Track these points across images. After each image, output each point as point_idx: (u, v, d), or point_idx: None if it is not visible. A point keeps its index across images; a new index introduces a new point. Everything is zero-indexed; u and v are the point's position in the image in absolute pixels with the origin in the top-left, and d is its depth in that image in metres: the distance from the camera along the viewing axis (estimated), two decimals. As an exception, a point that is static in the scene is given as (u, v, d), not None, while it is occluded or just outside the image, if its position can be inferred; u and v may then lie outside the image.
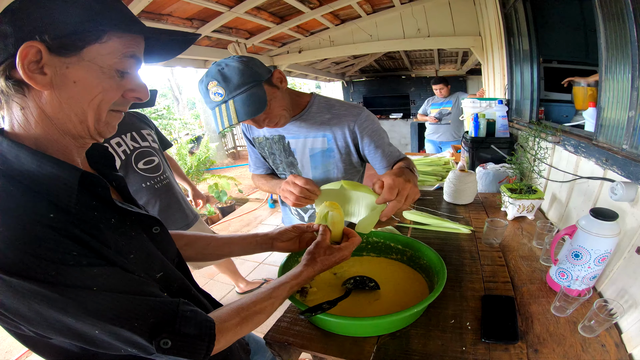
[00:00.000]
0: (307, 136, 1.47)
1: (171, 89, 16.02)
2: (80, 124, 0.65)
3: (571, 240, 1.04)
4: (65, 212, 0.60)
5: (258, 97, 1.19)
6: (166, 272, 0.76)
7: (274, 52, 5.53)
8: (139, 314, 0.61)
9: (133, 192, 1.91)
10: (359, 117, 1.41)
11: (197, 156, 6.63)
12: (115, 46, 0.63)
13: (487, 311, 1.01)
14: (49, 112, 0.63)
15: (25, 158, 0.61)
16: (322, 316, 0.92)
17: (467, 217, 1.73)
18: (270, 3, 3.71)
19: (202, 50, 4.29)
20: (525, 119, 2.50)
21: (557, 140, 1.68)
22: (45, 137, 0.64)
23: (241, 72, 1.17)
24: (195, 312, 0.69)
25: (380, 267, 1.29)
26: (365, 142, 1.43)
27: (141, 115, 2.21)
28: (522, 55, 2.65)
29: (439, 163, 3.24)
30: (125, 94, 0.69)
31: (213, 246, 1.13)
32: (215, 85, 1.17)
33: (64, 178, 0.62)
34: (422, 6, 4.43)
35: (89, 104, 0.64)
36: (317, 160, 1.50)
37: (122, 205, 0.72)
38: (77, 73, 0.61)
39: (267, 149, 1.59)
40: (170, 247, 0.87)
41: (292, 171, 1.58)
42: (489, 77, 3.96)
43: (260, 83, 1.21)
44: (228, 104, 1.17)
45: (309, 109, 1.45)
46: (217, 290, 3.34)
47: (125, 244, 0.67)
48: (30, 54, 0.57)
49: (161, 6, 3.03)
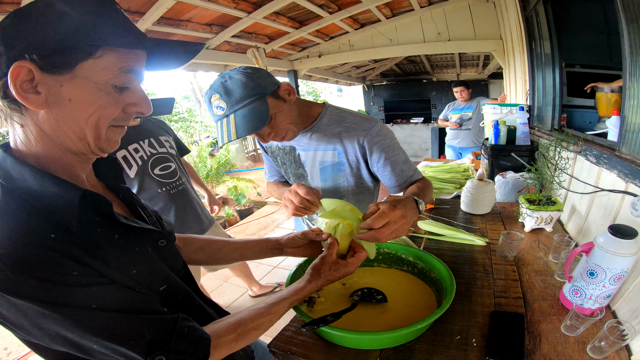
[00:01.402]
0: (318, 149, 1.44)
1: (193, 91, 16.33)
2: (79, 142, 0.64)
3: (587, 257, 1.00)
4: (67, 231, 0.60)
5: (260, 111, 1.15)
6: (170, 285, 0.76)
7: (294, 56, 5.59)
8: (135, 332, 0.61)
9: (149, 197, 1.95)
10: (369, 132, 1.35)
11: (217, 159, 6.71)
12: (111, 61, 0.61)
13: (495, 328, 0.97)
14: (47, 130, 0.62)
15: (28, 176, 0.61)
16: (325, 328, 0.91)
17: (483, 228, 1.69)
18: (289, 8, 3.74)
19: (222, 55, 4.36)
20: (546, 126, 2.43)
21: (578, 149, 1.62)
22: (46, 154, 0.64)
23: (244, 85, 1.14)
24: (192, 328, 0.69)
25: (390, 278, 1.27)
26: (375, 158, 1.38)
27: (160, 122, 2.24)
28: (543, 60, 2.58)
29: (458, 170, 3.18)
30: (125, 108, 0.67)
31: (225, 251, 1.14)
32: (217, 98, 1.15)
33: (65, 197, 0.62)
34: (442, 10, 4.40)
35: (87, 122, 0.63)
36: (327, 174, 1.47)
37: (125, 221, 0.71)
38: (72, 91, 0.60)
39: (279, 158, 1.59)
40: (177, 259, 0.88)
41: (301, 182, 1.53)
42: (511, 81, 3.88)
43: (264, 97, 1.17)
44: (229, 118, 1.15)
45: (320, 121, 1.41)
46: (230, 293, 3.36)
47: (127, 259, 0.67)
48: (21, 74, 0.56)
49: (180, 12, 3.09)
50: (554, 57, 2.35)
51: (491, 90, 8.74)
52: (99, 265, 0.61)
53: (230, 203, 6.05)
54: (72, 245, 0.59)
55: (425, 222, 1.71)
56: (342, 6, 4.05)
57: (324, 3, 3.79)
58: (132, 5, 2.73)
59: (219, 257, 1.14)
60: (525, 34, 2.86)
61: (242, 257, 1.17)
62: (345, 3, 3.99)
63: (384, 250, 1.33)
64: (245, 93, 1.14)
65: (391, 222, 0.95)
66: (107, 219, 0.68)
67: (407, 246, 1.30)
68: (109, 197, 0.80)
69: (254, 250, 1.15)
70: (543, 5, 2.34)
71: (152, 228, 0.78)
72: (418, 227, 1.72)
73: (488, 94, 8.76)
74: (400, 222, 0.96)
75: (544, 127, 2.49)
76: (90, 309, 0.58)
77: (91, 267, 0.60)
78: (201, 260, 1.14)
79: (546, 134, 2.31)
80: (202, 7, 3.04)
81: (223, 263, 1.18)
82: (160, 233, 0.81)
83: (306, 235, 1.12)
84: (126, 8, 2.71)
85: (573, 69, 2.38)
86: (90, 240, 0.62)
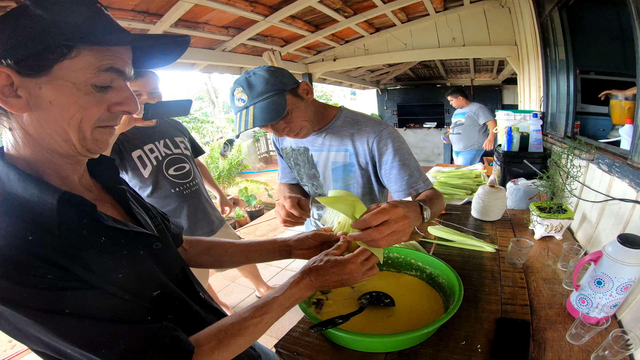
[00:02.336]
0: (330, 150, 1.48)
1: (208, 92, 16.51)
2: (64, 143, 0.64)
3: (595, 266, 1.00)
4: (48, 233, 0.59)
5: (277, 105, 1.22)
6: (164, 290, 0.75)
7: (309, 59, 5.60)
8: (109, 341, 0.59)
9: (162, 196, 1.99)
10: (379, 134, 1.38)
11: (229, 160, 6.75)
12: (88, 60, 0.60)
13: (500, 335, 0.98)
14: (32, 133, 0.62)
15: (13, 178, 0.61)
16: (333, 330, 0.92)
17: (493, 235, 1.69)
18: (305, 12, 3.75)
19: (238, 58, 4.39)
20: (560, 134, 2.42)
21: (590, 157, 1.61)
22: (34, 156, 0.64)
23: (266, 80, 1.21)
24: (175, 339, 0.66)
25: (398, 283, 1.28)
26: (383, 160, 1.39)
27: (176, 123, 2.28)
28: (558, 66, 2.57)
29: (470, 176, 3.17)
30: (110, 108, 0.66)
31: (230, 253, 1.11)
32: (240, 91, 1.23)
33: (45, 200, 0.61)
34: (457, 15, 4.38)
35: (69, 123, 0.62)
36: (339, 174, 1.50)
37: (112, 224, 0.69)
38: (51, 93, 0.59)
39: (292, 159, 1.63)
40: (174, 262, 0.86)
41: (314, 183, 1.59)
42: (525, 88, 3.86)
43: (283, 92, 1.24)
44: (249, 109, 1.22)
45: (334, 123, 1.46)
46: (237, 293, 3.39)
47: (113, 263, 0.66)
48: (0, 79, 0.57)
49: (198, 15, 3.12)
50: (569, 63, 2.34)
51: (505, 95, 8.66)
52: (80, 269, 0.60)
53: (240, 204, 6.10)
54: (50, 248, 0.58)
55: (435, 227, 1.71)
56: (358, 10, 4.06)
57: (340, 7, 3.80)
58: (151, 7, 2.76)
59: (224, 260, 1.12)
60: (540, 40, 2.85)
61: (248, 259, 1.13)
62: (361, 7, 3.99)
63: (393, 254, 1.34)
64: (266, 88, 1.21)
65: (391, 220, 0.86)
66: (93, 221, 0.67)
67: (416, 251, 1.31)
68: (104, 199, 0.80)
69: (260, 252, 1.12)
70: (558, 12, 2.33)
71: (143, 231, 0.76)
72: (428, 233, 1.73)
73: (502, 99, 8.68)
74: (401, 221, 0.87)
75: (557, 134, 2.47)
76: (63, 313, 0.56)
77: (69, 270, 0.58)
78: (207, 263, 1.12)
79: (559, 141, 2.29)
80: (219, 10, 3.07)
81: (229, 266, 1.16)
82: (153, 236, 0.79)
83: (318, 236, 1.08)
84: (144, 10, 2.75)
85: (587, 75, 2.36)
86: (72, 243, 0.61)
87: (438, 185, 3.03)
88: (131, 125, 1.57)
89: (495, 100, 8.73)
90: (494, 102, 8.73)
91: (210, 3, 2.87)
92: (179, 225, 1.06)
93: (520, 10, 3.48)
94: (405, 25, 4.76)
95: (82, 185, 0.75)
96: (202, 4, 2.82)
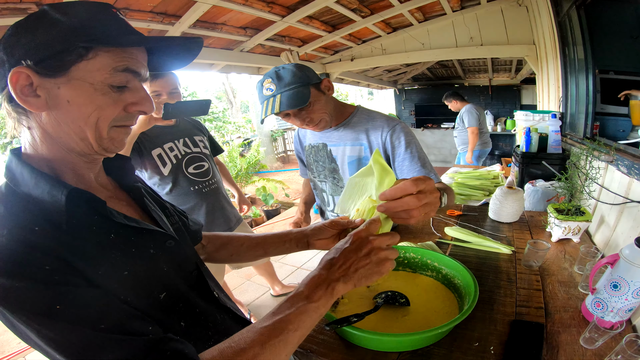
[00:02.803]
0: (347, 144, 1.59)
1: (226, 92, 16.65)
2: (81, 142, 0.66)
3: (612, 269, 0.99)
4: (56, 227, 0.60)
5: (302, 94, 1.36)
6: (171, 292, 0.74)
7: (326, 59, 5.62)
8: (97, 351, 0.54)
9: (181, 194, 2.03)
10: (393, 128, 1.50)
11: (248, 159, 6.82)
12: (105, 61, 0.62)
13: (514, 337, 0.98)
14: (50, 132, 0.64)
15: (26, 176, 0.63)
16: (348, 328, 0.93)
17: (510, 237, 1.68)
18: (322, 12, 3.78)
19: (256, 58, 4.44)
20: (579, 134, 2.38)
21: (610, 159, 1.59)
22: (52, 155, 0.66)
23: (293, 74, 1.37)
24: (178, 352, 0.59)
25: (414, 283, 1.28)
26: (396, 152, 1.49)
27: (195, 122, 2.32)
28: (577, 66, 2.53)
29: (488, 177, 3.15)
30: (127, 108, 0.68)
31: (247, 246, 1.11)
32: (269, 82, 1.38)
33: (55, 195, 0.62)
34: (474, 14, 4.34)
35: (86, 122, 0.64)
36: (354, 168, 1.58)
37: (122, 221, 0.69)
38: (69, 92, 0.61)
39: (312, 156, 1.75)
40: (188, 260, 0.85)
41: (334, 177, 1.69)
42: (544, 88, 3.80)
43: (308, 85, 1.39)
44: (276, 97, 1.36)
45: (351, 119, 1.59)
46: (252, 292, 3.42)
47: (121, 260, 0.66)
48: (20, 79, 0.59)
49: (215, 16, 3.17)
50: (588, 63, 2.30)
51: (523, 96, 8.52)
52: (82, 264, 0.60)
53: (257, 203, 6.16)
54: (54, 240, 0.58)
55: (452, 228, 1.71)
56: (375, 10, 4.06)
57: (357, 7, 3.81)
58: (169, 8, 2.81)
59: (242, 254, 1.12)
60: (559, 39, 2.81)
61: (265, 252, 1.11)
62: (378, 7, 4.00)
63: (410, 254, 1.35)
64: (293, 80, 1.37)
65: (426, 191, 0.78)
66: (104, 218, 0.67)
67: (433, 251, 1.32)
68: (120, 197, 0.81)
69: (277, 244, 1.10)
70: (576, 11, 2.30)
71: (155, 228, 0.77)
72: (444, 233, 1.73)
73: (520, 99, 8.56)
74: (435, 193, 0.79)
75: (576, 135, 2.44)
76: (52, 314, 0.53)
77: (71, 265, 0.58)
78: (224, 258, 1.13)
79: (578, 142, 2.26)
80: (237, 11, 3.11)
81: (246, 260, 1.14)
82: (166, 234, 0.79)
83: (335, 224, 1.01)
84: (163, 11, 2.80)
85: (607, 75, 2.32)
86: (79, 238, 0.62)
87: (456, 186, 3.02)
88: (151, 124, 1.62)
89: (514, 101, 8.62)
90: (513, 102, 8.63)
91: (228, 4, 2.90)
92: (197, 222, 1.07)
93: (538, 9, 3.43)
94: (422, 24, 4.74)
95: (98, 183, 0.76)
96: (220, 5, 2.86)
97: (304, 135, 1.80)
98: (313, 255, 4.04)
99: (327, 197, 1.77)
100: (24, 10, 2.09)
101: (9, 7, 2.04)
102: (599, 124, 2.25)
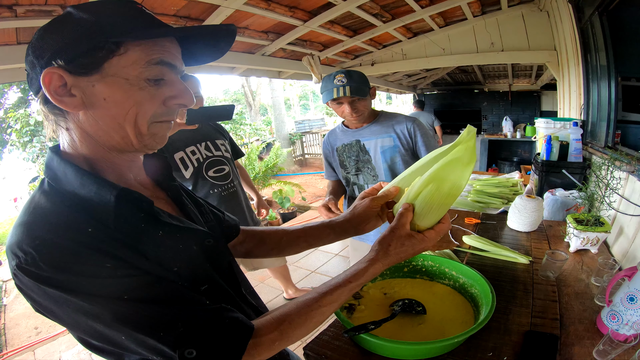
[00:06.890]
0: (377, 137, 2.06)
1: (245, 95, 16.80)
2: (121, 139, 0.65)
3: (629, 282, 0.98)
4: (105, 227, 0.61)
5: (363, 90, 1.90)
6: (211, 285, 0.75)
7: (347, 64, 5.62)
8: (166, 324, 0.59)
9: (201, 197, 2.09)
10: (414, 121, 2.04)
11: (266, 162, 6.88)
12: (137, 55, 0.61)
13: (527, 348, 0.98)
14: (89, 131, 0.64)
15: (70, 175, 0.63)
16: (365, 335, 0.94)
17: (528, 246, 1.66)
18: (344, 17, 3.79)
19: (277, 62, 4.48)
20: (600, 143, 2.34)
21: (631, 169, 1.56)
22: (92, 154, 0.66)
23: (360, 76, 1.91)
24: (234, 320, 0.65)
25: (431, 291, 1.28)
26: (417, 140, 2.02)
27: (217, 126, 2.37)
28: (599, 72, 2.49)
29: (507, 185, 3.10)
30: (166, 102, 0.67)
31: (287, 240, 1.08)
32: (342, 76, 1.85)
33: (103, 196, 0.62)
34: (495, 19, 4.31)
35: (125, 119, 0.63)
36: (387, 155, 2.05)
37: (167, 220, 0.71)
38: (105, 89, 0.61)
39: (345, 154, 2.16)
40: (223, 257, 0.86)
41: (367, 166, 2.11)
42: (565, 94, 3.73)
43: (366, 86, 1.92)
44: (345, 87, 1.84)
45: (378, 119, 2.09)
46: (264, 294, 3.44)
47: (170, 257, 0.67)
48: (53, 80, 0.59)
49: (238, 20, 3.21)
50: (610, 69, 2.26)
51: (543, 102, 8.37)
52: (137, 258, 0.61)
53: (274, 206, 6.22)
54: (108, 240, 0.59)
55: (469, 237, 1.71)
56: (396, 15, 4.06)
57: (378, 12, 3.82)
58: (192, 12, 2.85)
59: (282, 248, 1.09)
60: (581, 46, 2.77)
61: (309, 244, 1.08)
62: (399, 12, 4.00)
63: (428, 263, 1.35)
64: (360, 79, 1.90)
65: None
66: (150, 217, 0.68)
67: (450, 260, 1.33)
68: (159, 195, 0.81)
69: (319, 236, 1.07)
70: (599, 17, 2.26)
71: (196, 227, 0.78)
72: (462, 242, 1.73)
73: (540, 105, 8.41)
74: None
75: (597, 144, 2.39)
76: (121, 299, 0.57)
77: (127, 260, 0.60)
78: (265, 253, 1.10)
79: (599, 151, 2.22)
80: (259, 15, 3.14)
81: (287, 254, 1.12)
82: (206, 232, 0.80)
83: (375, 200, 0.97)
84: (186, 15, 2.84)
85: (629, 82, 2.27)
86: (130, 235, 0.63)
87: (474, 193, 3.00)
88: (176, 130, 1.67)
89: (534, 107, 8.49)
90: (532, 108, 8.49)
91: (250, 9, 2.94)
92: (234, 218, 1.06)
93: (560, 15, 3.39)
94: (443, 30, 4.73)
95: (138, 182, 0.77)
96: (243, 9, 2.90)
97: (335, 139, 2.20)
98: (328, 259, 4.08)
99: (357, 190, 2.18)
100: (49, 12, 2.13)
101: (34, 9, 2.08)
102: (621, 132, 2.21)
